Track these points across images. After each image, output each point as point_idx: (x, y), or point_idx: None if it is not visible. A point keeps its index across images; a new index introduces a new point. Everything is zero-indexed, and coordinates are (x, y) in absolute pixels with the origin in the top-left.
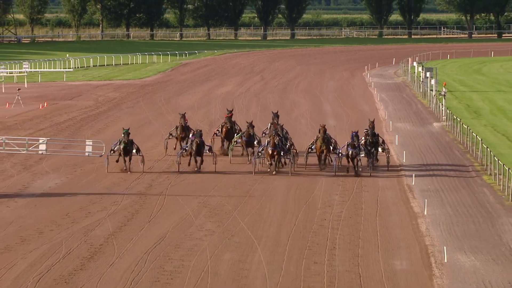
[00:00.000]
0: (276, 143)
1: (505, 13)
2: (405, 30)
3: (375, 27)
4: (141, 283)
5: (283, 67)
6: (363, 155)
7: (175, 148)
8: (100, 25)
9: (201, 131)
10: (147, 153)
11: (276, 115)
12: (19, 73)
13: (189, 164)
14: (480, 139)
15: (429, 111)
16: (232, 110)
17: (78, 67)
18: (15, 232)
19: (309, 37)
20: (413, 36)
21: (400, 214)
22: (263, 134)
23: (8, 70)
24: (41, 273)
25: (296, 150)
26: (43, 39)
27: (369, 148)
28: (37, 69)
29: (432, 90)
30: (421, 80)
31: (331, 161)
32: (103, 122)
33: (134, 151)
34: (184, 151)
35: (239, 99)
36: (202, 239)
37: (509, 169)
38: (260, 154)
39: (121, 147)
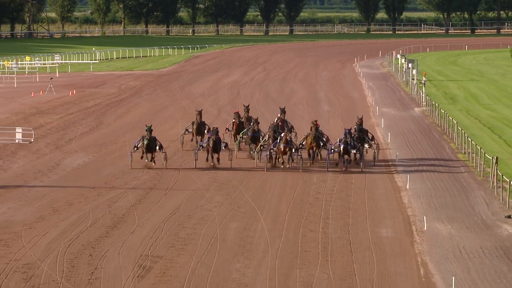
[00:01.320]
0: (288, 139)
1: (478, 12)
2: (390, 27)
3: (364, 24)
4: (158, 248)
5: (283, 59)
6: (354, 151)
7: (191, 140)
8: (122, 22)
9: (217, 128)
10: (164, 134)
11: (283, 111)
12: (51, 64)
13: (206, 160)
14: (455, 122)
15: (411, 98)
16: (249, 105)
17: (103, 59)
18: (48, 203)
19: (305, 33)
20: (397, 32)
21: (385, 188)
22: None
23: (42, 62)
24: (71, 239)
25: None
26: (72, 35)
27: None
28: (67, 61)
29: (413, 79)
30: (404, 70)
31: (320, 157)
32: (125, 107)
33: (157, 147)
34: (201, 148)
35: (244, 88)
36: (212, 210)
37: (480, 148)
38: (272, 150)
39: (144, 143)
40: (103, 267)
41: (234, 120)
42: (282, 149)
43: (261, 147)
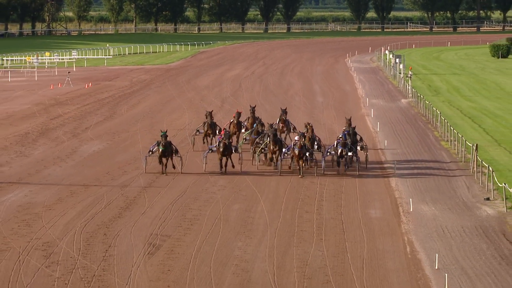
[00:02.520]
0: (303, 144)
1: (459, 11)
2: (379, 25)
3: (355, 22)
4: (167, 228)
5: (281, 55)
6: (350, 153)
7: (204, 142)
8: (134, 20)
9: (229, 132)
10: (172, 123)
11: (284, 112)
12: (69, 59)
13: (220, 167)
14: (439, 112)
15: (398, 90)
16: (255, 106)
17: (116, 55)
18: (66, 186)
19: (301, 31)
20: (385, 30)
21: (374, 172)
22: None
23: (60, 57)
24: (86, 220)
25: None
26: (88, 32)
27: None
28: (83, 56)
29: (400, 73)
30: (392, 65)
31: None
32: (136, 98)
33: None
34: (210, 151)
35: (245, 81)
36: (216, 193)
37: (462, 136)
38: (286, 155)
39: (160, 149)
40: (116, 245)
41: (232, 120)
42: (297, 154)
43: (262, 151)
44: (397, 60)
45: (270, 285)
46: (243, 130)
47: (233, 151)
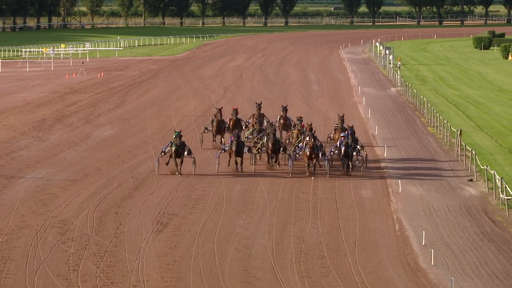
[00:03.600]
0: (313, 145)
1: (444, 6)
2: (370, 19)
3: (348, 17)
4: (173, 207)
5: (279, 47)
6: (354, 153)
7: (214, 141)
8: (143, 15)
9: (239, 131)
10: (178, 110)
11: (284, 109)
12: (83, 50)
13: (228, 165)
14: (425, 100)
15: (388, 79)
16: (261, 103)
17: (126, 46)
18: (80, 169)
19: (298, 24)
20: (376, 23)
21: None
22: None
23: (74, 49)
24: (99, 199)
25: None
26: (100, 26)
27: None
28: (96, 48)
29: (390, 63)
30: (382, 56)
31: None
32: (145, 87)
33: (185, 153)
34: (223, 151)
35: (246, 70)
36: (219, 175)
37: (447, 122)
38: (298, 155)
39: (173, 149)
40: (127, 223)
41: (231, 117)
42: (308, 154)
43: (260, 150)
44: (387, 51)
45: (269, 260)
46: (244, 127)
47: (246, 151)
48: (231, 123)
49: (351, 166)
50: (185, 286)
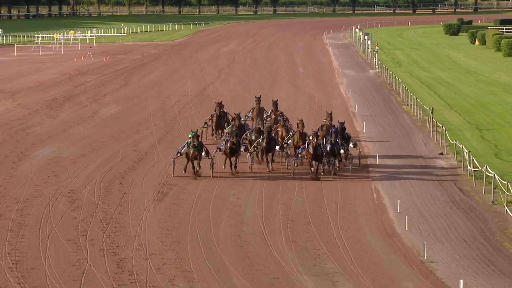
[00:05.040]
0: (317, 144)
1: None
2: (351, 8)
3: (330, 6)
4: (172, 178)
5: (268, 33)
6: (342, 151)
7: (212, 135)
8: (145, 4)
9: (236, 130)
10: (176, 90)
11: (275, 103)
12: (90, 36)
13: (224, 166)
14: (400, 81)
15: (367, 62)
16: (260, 96)
17: (130, 32)
18: (88, 143)
19: (285, 12)
20: (356, 12)
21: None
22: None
23: (83, 35)
24: (105, 171)
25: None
26: (106, 14)
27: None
28: (102, 34)
29: (368, 48)
30: (361, 41)
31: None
32: (147, 69)
33: (203, 154)
34: (218, 150)
35: (238, 54)
36: (214, 149)
37: (420, 101)
38: (300, 155)
39: (190, 151)
40: (130, 192)
41: (214, 113)
42: (312, 154)
43: (255, 149)
44: (366, 37)
45: (259, 226)
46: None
47: (243, 150)
48: (215, 118)
49: (337, 166)
50: (183, 249)
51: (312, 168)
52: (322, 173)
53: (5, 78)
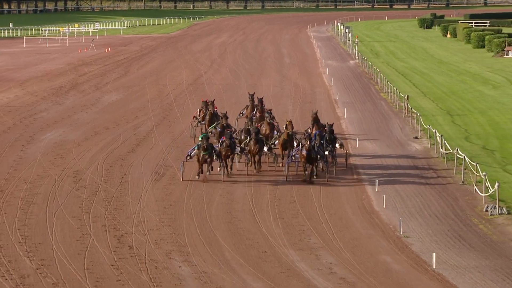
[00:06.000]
0: (310, 146)
1: None
2: (333, 3)
3: (314, 1)
4: (169, 160)
5: (257, 26)
6: (327, 152)
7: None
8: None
9: (231, 131)
10: (172, 79)
11: (260, 101)
12: (93, 29)
13: (219, 168)
14: (379, 70)
15: (347, 53)
16: (254, 94)
17: (129, 26)
18: (91, 128)
19: (273, 7)
20: (337, 7)
21: (329, 117)
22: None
23: (86, 28)
24: (107, 154)
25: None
26: (107, 9)
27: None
28: (104, 27)
29: (349, 40)
30: (342, 34)
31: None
32: (145, 60)
33: (214, 157)
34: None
35: (229, 46)
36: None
37: (396, 89)
38: (294, 158)
39: (201, 154)
40: (130, 173)
41: (202, 108)
42: (305, 156)
43: (243, 150)
44: (347, 30)
45: (248, 204)
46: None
47: (238, 152)
48: (202, 113)
49: (315, 172)
50: (178, 225)
51: (306, 172)
52: (315, 177)
53: (14, 68)
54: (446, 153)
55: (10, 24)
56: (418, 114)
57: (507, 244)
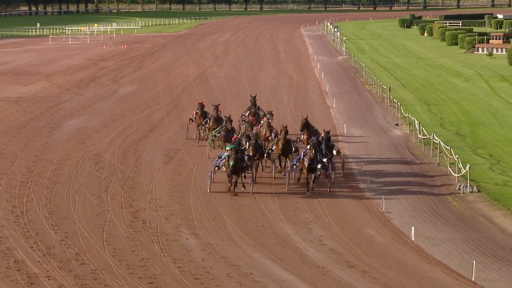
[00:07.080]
0: (312, 156)
1: None
2: (323, 5)
3: (307, 4)
4: (178, 144)
5: (256, 26)
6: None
7: (206, 139)
8: (155, 2)
9: (239, 140)
10: (181, 73)
11: (253, 103)
12: (111, 29)
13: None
14: (364, 65)
15: (336, 50)
16: (256, 96)
17: (143, 26)
18: (109, 116)
19: (270, 9)
20: (327, 9)
21: (320, 106)
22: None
23: (104, 27)
24: (123, 139)
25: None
26: (123, 10)
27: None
28: (120, 27)
29: (337, 38)
30: (332, 32)
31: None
32: (157, 56)
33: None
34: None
35: (232, 43)
36: None
37: (379, 81)
38: (295, 167)
39: (230, 165)
40: (144, 156)
41: (197, 111)
42: (307, 166)
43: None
44: (335, 29)
45: (249, 183)
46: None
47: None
48: (198, 117)
49: (311, 182)
50: (186, 202)
51: (307, 182)
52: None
53: (41, 63)
54: (423, 138)
55: (38, 24)
56: (399, 104)
57: (477, 219)
